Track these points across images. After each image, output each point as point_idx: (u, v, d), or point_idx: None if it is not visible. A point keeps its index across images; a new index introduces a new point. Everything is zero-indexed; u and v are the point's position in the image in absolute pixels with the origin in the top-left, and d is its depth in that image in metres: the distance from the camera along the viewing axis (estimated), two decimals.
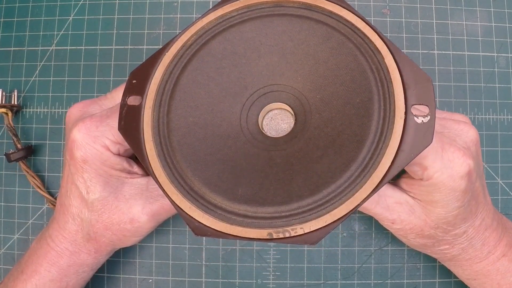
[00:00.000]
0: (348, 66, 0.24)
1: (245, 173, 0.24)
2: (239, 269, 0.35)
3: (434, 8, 0.36)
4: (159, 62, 0.25)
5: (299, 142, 0.24)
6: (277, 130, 0.26)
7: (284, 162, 0.24)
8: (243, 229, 0.23)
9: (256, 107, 0.26)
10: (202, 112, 0.25)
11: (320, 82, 0.25)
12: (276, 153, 0.24)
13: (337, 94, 0.24)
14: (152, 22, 0.37)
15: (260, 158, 0.24)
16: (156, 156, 0.24)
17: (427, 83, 0.23)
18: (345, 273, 0.35)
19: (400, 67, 0.23)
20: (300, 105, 0.25)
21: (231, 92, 0.25)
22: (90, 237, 0.28)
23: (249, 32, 0.26)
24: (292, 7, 0.25)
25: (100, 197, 0.27)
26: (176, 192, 0.24)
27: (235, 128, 0.25)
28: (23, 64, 0.38)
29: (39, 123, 0.37)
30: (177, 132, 0.25)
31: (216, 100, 0.25)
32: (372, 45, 0.24)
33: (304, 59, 0.25)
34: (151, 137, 0.24)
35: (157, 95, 0.25)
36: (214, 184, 0.24)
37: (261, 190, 0.24)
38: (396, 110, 0.23)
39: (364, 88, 0.24)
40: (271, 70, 0.25)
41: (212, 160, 0.24)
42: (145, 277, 0.36)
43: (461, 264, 0.29)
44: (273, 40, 0.25)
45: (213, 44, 0.25)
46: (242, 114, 0.25)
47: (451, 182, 0.25)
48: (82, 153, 0.26)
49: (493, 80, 0.36)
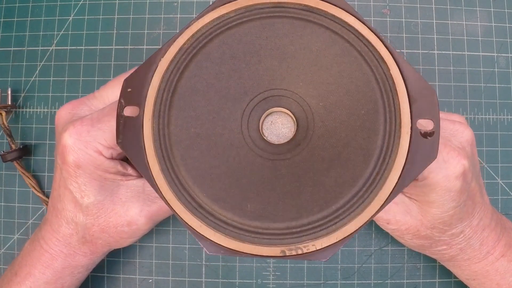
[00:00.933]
0: (352, 75, 0.24)
1: (252, 186, 0.24)
2: (239, 269, 0.36)
3: (434, 8, 0.37)
4: (155, 68, 0.25)
5: (303, 151, 0.25)
6: (278, 135, 0.25)
7: (290, 173, 0.24)
8: (256, 247, 0.24)
9: (257, 113, 0.25)
10: (203, 121, 0.25)
11: (323, 89, 0.25)
12: (281, 163, 0.24)
13: (341, 103, 0.24)
14: (152, 22, 0.38)
15: (265, 169, 0.24)
16: (161, 172, 0.24)
17: (432, 96, 0.23)
18: (345, 273, 0.35)
19: (406, 79, 0.24)
20: (302, 111, 0.25)
21: (231, 99, 0.25)
22: (86, 240, 0.28)
23: (248, 35, 0.25)
24: (294, 9, 0.25)
25: (95, 201, 0.27)
26: (185, 210, 0.24)
27: (237, 136, 0.25)
28: (23, 64, 0.38)
29: (39, 123, 0.37)
30: (180, 145, 0.25)
31: (216, 108, 0.25)
32: (377, 54, 0.24)
33: (306, 64, 0.25)
34: (153, 151, 0.24)
35: (156, 105, 0.24)
36: (223, 200, 0.24)
37: (269, 205, 0.24)
38: (402, 124, 0.23)
39: (369, 99, 0.24)
40: (272, 75, 0.25)
41: (217, 174, 0.24)
42: (145, 277, 0.36)
43: (460, 264, 0.29)
44: (274, 44, 0.25)
45: (211, 48, 0.25)
46: (243, 120, 0.25)
47: (446, 183, 0.25)
48: (75, 158, 0.26)
49: (493, 80, 0.36)
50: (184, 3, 0.38)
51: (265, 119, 0.25)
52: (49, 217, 0.28)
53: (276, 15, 0.25)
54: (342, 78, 0.24)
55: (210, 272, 0.35)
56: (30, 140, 0.37)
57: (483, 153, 0.35)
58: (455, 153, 0.25)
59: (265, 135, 0.25)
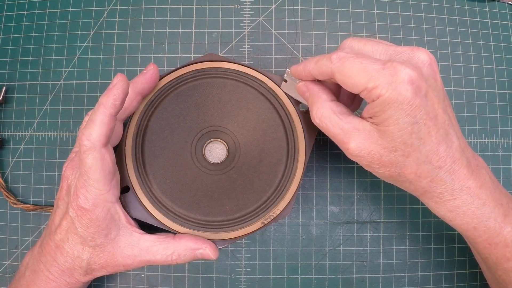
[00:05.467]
0: (263, 111, 0.32)
1: (215, 194, 0.31)
2: (216, 266, 0.37)
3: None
4: (130, 120, 0.32)
5: (234, 167, 0.32)
6: (214, 157, 0.33)
7: (232, 182, 0.31)
8: (243, 229, 0.31)
9: (201, 142, 0.32)
10: (165, 151, 0.32)
11: (246, 123, 0.32)
12: (220, 176, 0.31)
13: (259, 128, 0.32)
14: (144, 60, 0.39)
15: (215, 182, 0.31)
16: (138, 184, 0.31)
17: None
18: (304, 269, 0.37)
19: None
20: (231, 141, 0.32)
21: (183, 134, 0.32)
22: (87, 273, 0.29)
23: (197, 88, 0.33)
24: (227, 72, 0.33)
25: (101, 244, 0.28)
26: (162, 216, 0.31)
27: (188, 159, 0.32)
28: (37, 96, 0.39)
29: (50, 145, 0.39)
30: (151, 167, 0.31)
31: (173, 141, 0.32)
32: (271, 90, 0.32)
33: (235, 108, 0.32)
34: (132, 169, 0.31)
35: (133, 142, 0.31)
36: (202, 211, 0.31)
37: (240, 202, 0.31)
38: (295, 119, 0.32)
39: (274, 122, 0.32)
40: (212, 116, 0.32)
41: (178, 186, 0.31)
42: (138, 272, 0.37)
43: (435, 199, 0.27)
44: (215, 95, 0.32)
45: (168, 100, 0.32)
46: (191, 148, 0.32)
47: (396, 95, 0.24)
48: (93, 216, 0.27)
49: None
50: (170, 45, 0.40)
51: (206, 146, 0.32)
52: (53, 254, 0.29)
53: (217, 76, 0.32)
54: (259, 113, 0.32)
55: (192, 268, 0.37)
56: (42, 158, 0.38)
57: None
58: (402, 66, 0.24)
59: (207, 157, 0.32)
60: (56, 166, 0.39)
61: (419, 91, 0.24)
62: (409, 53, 0.26)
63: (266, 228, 0.38)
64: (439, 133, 0.25)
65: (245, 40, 0.40)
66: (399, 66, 0.24)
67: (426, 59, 0.26)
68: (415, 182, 0.26)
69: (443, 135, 0.25)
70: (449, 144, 0.25)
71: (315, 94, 0.29)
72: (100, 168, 0.26)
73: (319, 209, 0.38)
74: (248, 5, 0.41)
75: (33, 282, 0.29)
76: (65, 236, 0.28)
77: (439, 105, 0.25)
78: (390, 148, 0.25)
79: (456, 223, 0.27)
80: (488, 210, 0.26)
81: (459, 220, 0.27)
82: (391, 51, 0.27)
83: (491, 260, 0.28)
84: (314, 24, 0.41)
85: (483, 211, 0.26)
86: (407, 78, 0.24)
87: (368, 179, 0.39)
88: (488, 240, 0.27)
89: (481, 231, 0.27)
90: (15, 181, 0.39)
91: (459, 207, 0.26)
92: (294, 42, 0.40)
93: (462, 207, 0.26)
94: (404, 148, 0.25)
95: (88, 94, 0.39)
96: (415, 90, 0.24)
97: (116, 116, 0.27)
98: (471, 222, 0.27)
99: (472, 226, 0.27)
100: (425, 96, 0.24)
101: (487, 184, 0.27)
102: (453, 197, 0.26)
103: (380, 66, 0.24)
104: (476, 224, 0.27)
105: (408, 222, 0.39)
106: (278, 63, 0.40)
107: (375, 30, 0.41)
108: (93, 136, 0.26)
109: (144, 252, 0.29)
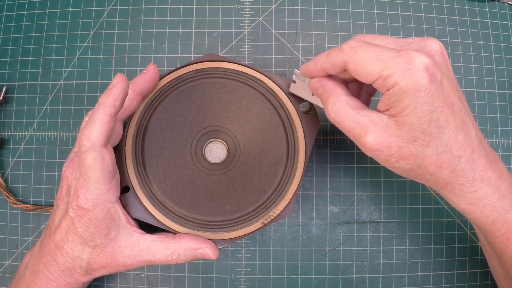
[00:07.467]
0: (263, 111, 0.32)
1: (215, 194, 0.31)
2: (216, 266, 0.37)
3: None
4: (131, 117, 0.32)
5: (234, 167, 0.32)
6: (214, 157, 0.33)
7: (232, 182, 0.31)
8: (243, 229, 0.31)
9: (201, 142, 0.32)
10: (166, 151, 0.32)
11: (246, 123, 0.32)
12: (220, 176, 0.31)
13: (259, 128, 0.32)
14: (144, 60, 0.40)
15: (215, 182, 0.31)
16: (138, 184, 0.31)
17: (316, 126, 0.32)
18: (304, 269, 0.37)
19: (290, 99, 0.32)
20: (231, 141, 0.32)
21: (184, 134, 0.32)
22: (86, 273, 0.29)
23: (198, 88, 0.33)
24: (227, 72, 0.33)
25: (101, 244, 0.28)
26: (163, 217, 0.31)
27: (188, 159, 0.32)
28: (37, 96, 0.40)
29: (50, 145, 0.39)
30: (151, 168, 0.31)
31: (173, 141, 0.32)
32: (271, 90, 0.32)
33: (235, 108, 0.32)
34: (133, 170, 0.31)
35: (133, 142, 0.31)
36: (202, 211, 0.31)
37: (240, 202, 0.31)
38: (294, 118, 0.32)
39: (275, 122, 0.32)
40: (212, 116, 0.32)
41: (178, 186, 0.31)
42: (138, 272, 0.37)
43: (456, 192, 0.26)
44: (215, 95, 0.32)
45: (169, 100, 0.32)
46: (191, 148, 0.32)
47: (412, 82, 0.23)
48: (93, 216, 0.27)
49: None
50: (170, 44, 0.40)
51: (206, 146, 0.32)
52: (52, 254, 0.29)
53: (217, 76, 0.32)
54: (259, 113, 0.32)
55: (192, 268, 0.37)
56: (42, 158, 0.38)
57: None
58: (414, 53, 0.24)
59: (207, 157, 0.32)
60: (56, 166, 0.39)
61: (435, 79, 0.24)
62: (420, 43, 0.26)
63: (266, 228, 0.38)
64: (456, 121, 0.25)
65: (245, 40, 0.40)
66: (413, 53, 0.24)
67: (438, 48, 0.26)
68: (436, 173, 0.25)
69: (460, 123, 0.25)
70: (467, 133, 0.25)
71: (330, 89, 0.28)
72: (100, 168, 0.26)
73: (319, 209, 0.38)
74: (248, 5, 0.41)
75: (33, 282, 0.29)
76: (65, 236, 0.28)
77: (454, 93, 0.25)
78: (409, 138, 0.24)
79: (475, 216, 0.27)
80: (508, 203, 0.26)
81: (479, 213, 0.26)
82: (402, 41, 0.27)
83: (507, 255, 0.27)
84: (314, 24, 0.41)
85: (503, 204, 0.26)
86: (423, 65, 0.23)
87: (368, 179, 0.39)
88: (506, 234, 0.26)
89: (500, 225, 0.26)
90: (15, 181, 0.39)
91: (480, 199, 0.26)
92: (294, 42, 0.40)
93: (483, 199, 0.26)
94: (424, 138, 0.24)
95: (88, 94, 0.40)
96: (431, 77, 0.24)
97: (116, 116, 0.27)
98: (490, 215, 0.26)
99: (491, 219, 0.26)
100: (440, 83, 0.24)
101: (506, 176, 0.26)
102: (474, 188, 0.25)
103: (394, 53, 0.24)
104: (495, 217, 0.26)
105: (408, 222, 0.39)
106: (278, 63, 0.40)
107: (375, 30, 0.41)
108: (93, 136, 0.26)
109: (144, 252, 0.29)
